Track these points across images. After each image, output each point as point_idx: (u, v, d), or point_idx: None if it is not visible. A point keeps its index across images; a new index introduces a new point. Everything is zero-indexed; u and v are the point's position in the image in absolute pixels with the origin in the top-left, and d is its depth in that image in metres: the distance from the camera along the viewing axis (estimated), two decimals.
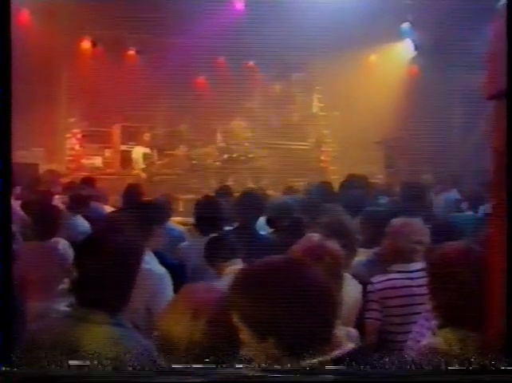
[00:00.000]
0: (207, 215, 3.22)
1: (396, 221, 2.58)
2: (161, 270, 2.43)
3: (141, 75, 8.86)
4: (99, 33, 8.96)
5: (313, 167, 9.61)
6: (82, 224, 4.65)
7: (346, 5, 7.92)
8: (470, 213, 5.38)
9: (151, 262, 2.45)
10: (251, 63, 9.55)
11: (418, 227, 2.54)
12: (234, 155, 9.21)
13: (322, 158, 9.44)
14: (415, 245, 2.51)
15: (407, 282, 2.47)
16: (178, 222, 6.47)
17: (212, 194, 4.51)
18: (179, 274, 2.66)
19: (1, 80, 2.08)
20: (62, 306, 3.91)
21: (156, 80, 8.54)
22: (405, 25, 9.83)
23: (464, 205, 5.82)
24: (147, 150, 8.77)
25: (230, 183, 9.00)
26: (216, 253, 2.63)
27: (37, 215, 4.07)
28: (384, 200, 4.61)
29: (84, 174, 8.17)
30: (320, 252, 1.64)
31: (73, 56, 9.00)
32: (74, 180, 6.10)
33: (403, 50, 10.24)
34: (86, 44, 9.10)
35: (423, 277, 2.49)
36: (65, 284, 3.96)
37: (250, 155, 9.31)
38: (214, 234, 2.94)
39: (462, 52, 9.13)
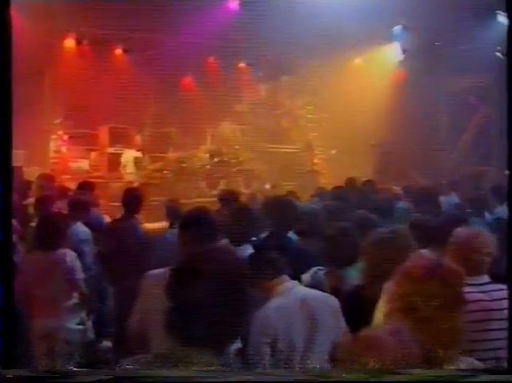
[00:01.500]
0: (242, 223, 2.96)
1: (462, 231, 2.40)
2: None
3: (128, 75, 8.55)
4: (84, 31, 8.60)
5: (303, 170, 9.46)
6: (83, 232, 4.35)
7: (340, 8, 7.79)
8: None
9: None
10: (243, 64, 9.35)
11: (486, 238, 2.37)
12: (225, 159, 8.98)
13: (314, 161, 9.29)
14: (484, 257, 2.34)
15: (481, 296, 2.30)
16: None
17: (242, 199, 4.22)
18: None
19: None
20: (73, 324, 3.59)
21: (144, 80, 8.23)
22: (397, 28, 9.77)
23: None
24: (137, 153, 8.44)
25: (222, 186, 8.76)
26: (261, 272, 2.33)
27: (40, 224, 3.76)
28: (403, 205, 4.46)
29: (69, 177, 7.82)
30: (440, 272, 1.43)
31: (58, 54, 8.63)
32: (65, 184, 5.74)
33: (394, 53, 10.18)
34: (71, 42, 8.72)
35: (495, 290, 2.35)
36: (74, 299, 3.65)
37: (240, 159, 9.10)
38: (249, 249, 2.67)
39: (453, 55, 9.16)
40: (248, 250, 2.87)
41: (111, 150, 8.61)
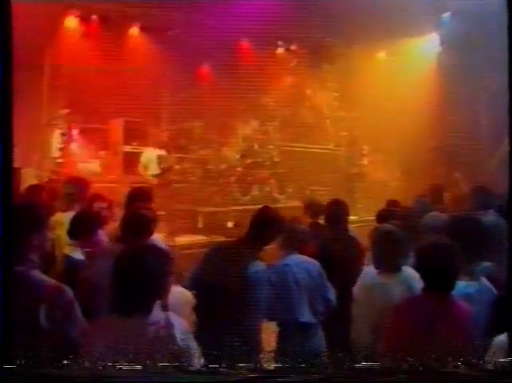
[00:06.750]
0: None
1: None
2: None
3: (146, 58, 7.22)
4: (92, 5, 7.18)
5: (349, 173, 8.34)
6: None
7: None
8: None
9: None
10: (279, 51, 8.10)
11: None
12: (259, 160, 7.73)
13: (363, 163, 8.15)
14: None
15: None
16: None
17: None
18: None
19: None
20: None
21: (164, 64, 6.90)
22: (446, 15, 8.72)
23: None
24: (160, 152, 7.08)
25: (255, 191, 7.56)
26: None
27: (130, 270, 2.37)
28: None
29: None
30: None
31: (61, 33, 7.21)
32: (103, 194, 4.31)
33: (438, 44, 9.13)
34: (76, 18, 7.26)
35: None
36: None
37: (275, 159, 7.88)
38: None
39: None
40: None
41: (127, 148, 7.21)
